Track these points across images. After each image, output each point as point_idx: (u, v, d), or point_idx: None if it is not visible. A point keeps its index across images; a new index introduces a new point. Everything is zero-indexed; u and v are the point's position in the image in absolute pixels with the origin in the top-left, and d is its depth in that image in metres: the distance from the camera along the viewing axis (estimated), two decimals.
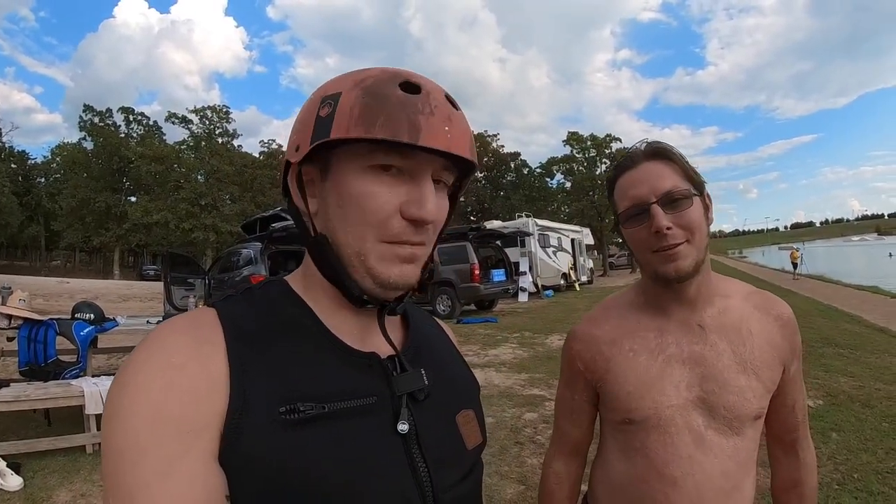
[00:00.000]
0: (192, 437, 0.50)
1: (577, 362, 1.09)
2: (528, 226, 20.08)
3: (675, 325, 1.00)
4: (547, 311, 14.37)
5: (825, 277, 25.19)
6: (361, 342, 0.65)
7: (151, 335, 0.56)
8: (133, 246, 52.36)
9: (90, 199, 46.88)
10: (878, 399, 5.10)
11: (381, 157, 0.58)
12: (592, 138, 51.60)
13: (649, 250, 0.95)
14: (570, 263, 23.57)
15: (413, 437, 0.61)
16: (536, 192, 55.25)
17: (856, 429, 4.34)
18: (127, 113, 52.86)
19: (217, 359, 0.54)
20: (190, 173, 48.53)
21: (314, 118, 0.59)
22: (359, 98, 0.57)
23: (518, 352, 8.53)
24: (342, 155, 0.59)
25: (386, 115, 0.55)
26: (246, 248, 10.13)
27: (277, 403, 0.54)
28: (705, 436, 0.95)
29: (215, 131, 51.89)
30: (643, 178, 0.95)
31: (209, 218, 45.63)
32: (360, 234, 0.59)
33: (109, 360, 7.64)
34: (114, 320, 5.95)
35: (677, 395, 0.96)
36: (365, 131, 0.55)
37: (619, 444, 1.05)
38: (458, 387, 0.74)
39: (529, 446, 4.24)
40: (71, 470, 3.90)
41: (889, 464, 3.66)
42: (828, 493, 3.24)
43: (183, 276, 11.07)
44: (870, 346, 7.67)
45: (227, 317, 0.59)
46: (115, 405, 0.50)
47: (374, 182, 0.58)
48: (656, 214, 0.91)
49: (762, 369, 0.96)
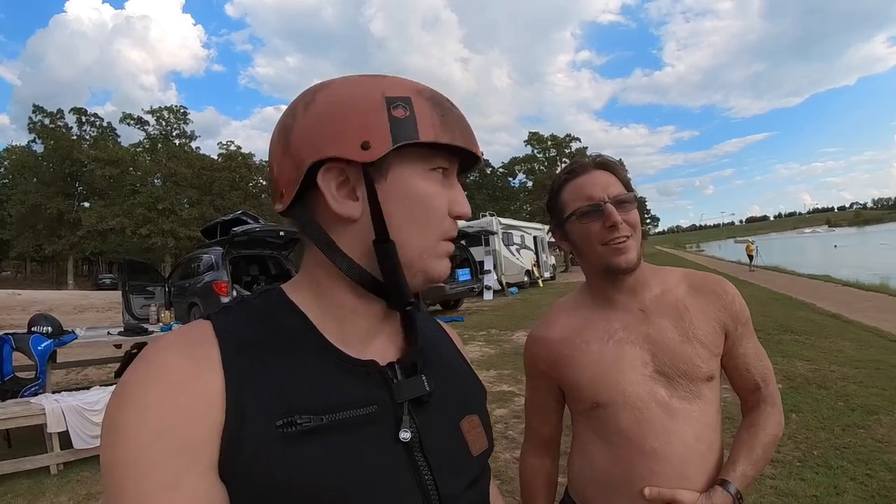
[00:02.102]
0: (194, 452, 0.50)
1: (537, 364, 1.19)
2: (492, 225, 20.12)
3: (620, 312, 1.11)
4: (512, 308, 14.46)
5: (780, 268, 26.09)
6: (362, 349, 0.64)
7: (148, 351, 0.55)
8: (88, 254, 50.81)
9: (41, 206, 44.92)
10: (832, 380, 5.33)
11: (439, 160, 0.62)
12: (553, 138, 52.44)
13: (600, 243, 1.06)
14: (534, 261, 23.78)
15: (416, 444, 0.61)
16: (500, 192, 55.80)
17: (813, 409, 4.52)
18: (79, 114, 50.74)
19: (213, 374, 0.54)
20: (146, 177, 47.15)
21: (386, 117, 0.57)
22: (430, 105, 0.61)
23: (486, 349, 8.57)
24: (405, 157, 0.60)
25: (459, 128, 0.62)
26: (207, 254, 9.93)
27: (275, 417, 0.53)
28: (671, 404, 1.03)
29: (172, 133, 50.59)
30: (596, 182, 1.07)
31: (167, 223, 44.27)
32: (429, 232, 0.63)
33: (69, 374, 7.38)
34: (73, 333, 5.65)
35: (636, 372, 1.05)
36: (450, 139, 0.60)
37: (594, 432, 1.11)
38: (462, 392, 0.73)
39: (501, 442, 4.27)
40: (36, 493, 3.75)
41: (845, 440, 3.82)
42: (790, 471, 3.37)
43: (142, 285, 10.78)
44: (823, 332, 7.99)
45: (223, 329, 0.58)
46: (116, 421, 0.51)
47: (433, 183, 0.63)
48: (611, 211, 1.03)
49: (704, 337, 1.06)
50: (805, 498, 3.02)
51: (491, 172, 58.86)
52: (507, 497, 3.29)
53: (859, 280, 16.47)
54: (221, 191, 48.93)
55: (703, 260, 44.15)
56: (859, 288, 14.64)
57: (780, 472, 3.35)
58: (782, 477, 3.29)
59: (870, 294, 12.97)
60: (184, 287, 10.13)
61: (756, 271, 24.29)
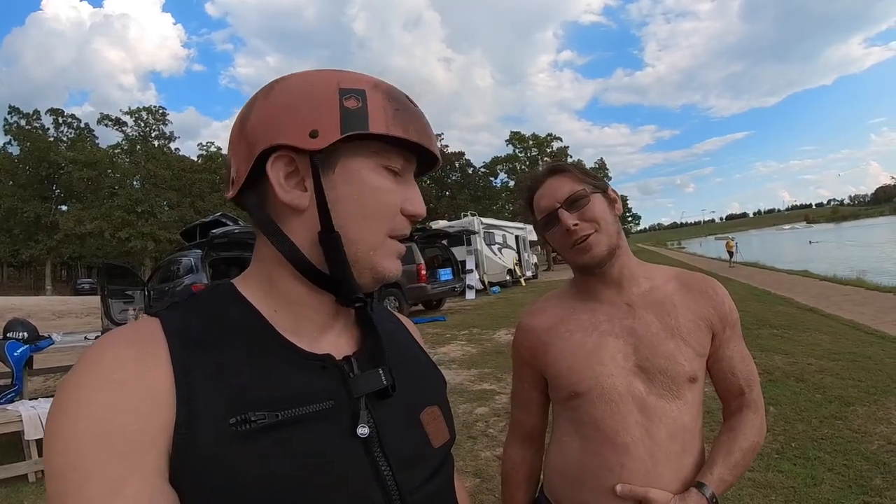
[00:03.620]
0: (138, 455, 0.48)
1: (522, 352, 1.19)
2: (474, 224, 20.22)
3: (606, 305, 1.11)
4: (494, 307, 14.47)
5: (759, 264, 26.47)
6: (316, 343, 0.63)
7: (91, 350, 0.53)
8: (66, 258, 49.82)
9: (17, 209, 44.17)
10: (810, 373, 5.41)
11: (394, 160, 0.62)
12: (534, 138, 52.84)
13: (566, 248, 1.09)
14: (516, 259, 23.88)
15: (374, 439, 0.60)
16: (481, 192, 55.96)
17: (791, 401, 4.58)
18: (56, 115, 50.09)
19: (161, 371, 0.52)
20: (125, 179, 46.62)
21: (338, 107, 0.57)
22: (387, 100, 0.60)
23: (467, 348, 8.55)
24: (356, 150, 0.60)
25: (415, 124, 0.61)
26: (186, 257, 9.76)
27: (227, 415, 0.51)
28: (648, 401, 1.02)
29: (151, 134, 50.06)
30: (548, 192, 1.11)
31: (146, 226, 43.82)
32: (377, 227, 0.61)
33: (46, 381, 7.23)
34: (49, 338, 5.53)
35: (615, 364, 1.05)
36: (402, 132, 0.59)
37: (570, 422, 1.11)
38: (421, 383, 0.72)
39: (482, 440, 4.27)
40: (14, 501, 3.70)
41: (823, 431, 3.88)
42: (769, 462, 3.41)
43: (121, 289, 10.57)
44: (801, 326, 8.11)
45: (171, 326, 0.56)
46: (56, 425, 0.48)
47: (385, 179, 0.61)
48: (562, 216, 1.06)
49: (689, 335, 1.06)
50: (783, 489, 3.05)
51: (473, 172, 59.02)
52: (488, 494, 3.29)
53: (836, 275, 16.75)
54: (201, 193, 48.48)
55: (684, 257, 44.66)
56: (836, 282, 14.88)
57: (759, 465, 3.38)
58: (760, 469, 3.32)
59: (847, 288, 13.19)
60: (163, 291, 9.97)
61: (736, 267, 24.60)
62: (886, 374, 5.16)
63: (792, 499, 2.95)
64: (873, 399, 4.46)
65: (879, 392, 4.63)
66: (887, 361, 5.62)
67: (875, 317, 8.61)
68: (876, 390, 4.69)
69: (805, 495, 2.96)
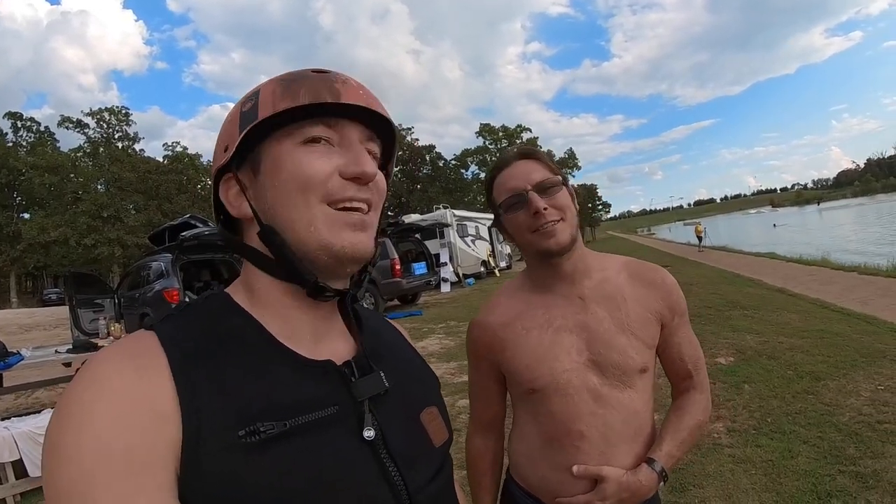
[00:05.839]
0: (146, 472, 0.47)
1: (478, 348, 1.20)
2: (447, 217, 20.19)
3: (560, 299, 1.13)
4: (469, 299, 14.51)
5: (728, 248, 27.15)
6: (315, 349, 0.63)
7: (89, 365, 0.52)
8: (31, 269, 48.12)
9: None
10: (781, 351, 5.57)
11: (309, 129, 0.60)
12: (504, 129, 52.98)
13: (529, 231, 1.08)
14: (489, 251, 23.91)
15: (380, 441, 0.60)
16: (453, 184, 55.94)
17: (764, 379, 4.70)
18: (14, 118, 48.40)
19: (163, 386, 0.51)
20: (89, 183, 45.05)
21: (238, 115, 0.61)
22: (278, 84, 0.61)
23: (445, 341, 8.56)
24: (271, 144, 0.61)
25: (306, 87, 0.59)
26: (156, 261, 9.58)
27: (236, 426, 0.51)
28: (602, 392, 1.07)
29: (114, 135, 48.70)
30: (518, 174, 1.09)
31: (113, 231, 42.50)
32: (303, 201, 0.59)
33: (17, 399, 7.01)
34: (18, 354, 5.33)
35: (570, 360, 1.08)
36: (291, 102, 0.58)
37: (529, 413, 1.15)
38: (419, 385, 0.73)
39: (465, 432, 4.27)
40: None
41: (796, 406, 4.00)
42: (746, 438, 3.50)
43: (90, 298, 10.25)
44: (771, 306, 8.33)
45: (168, 339, 0.55)
46: (57, 443, 0.47)
47: (307, 152, 0.60)
48: (533, 198, 1.05)
49: (639, 329, 1.09)
50: (761, 463, 3.14)
51: (444, 165, 58.96)
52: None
53: (802, 256, 17.23)
54: (168, 195, 47.17)
55: (654, 243, 45.47)
56: (802, 263, 15.33)
57: (737, 441, 3.47)
58: (739, 445, 3.41)
59: (812, 269, 13.59)
60: (134, 297, 9.75)
61: (705, 251, 25.16)
62: (853, 349, 5.34)
63: (771, 472, 3.03)
64: (842, 373, 4.61)
65: (848, 367, 4.79)
66: (854, 337, 5.81)
67: (840, 295, 8.91)
68: (844, 365, 4.85)
69: (783, 468, 3.05)
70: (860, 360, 4.93)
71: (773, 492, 2.83)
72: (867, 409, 3.76)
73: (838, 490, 2.76)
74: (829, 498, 2.71)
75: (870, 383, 4.30)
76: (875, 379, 4.39)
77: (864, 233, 34.53)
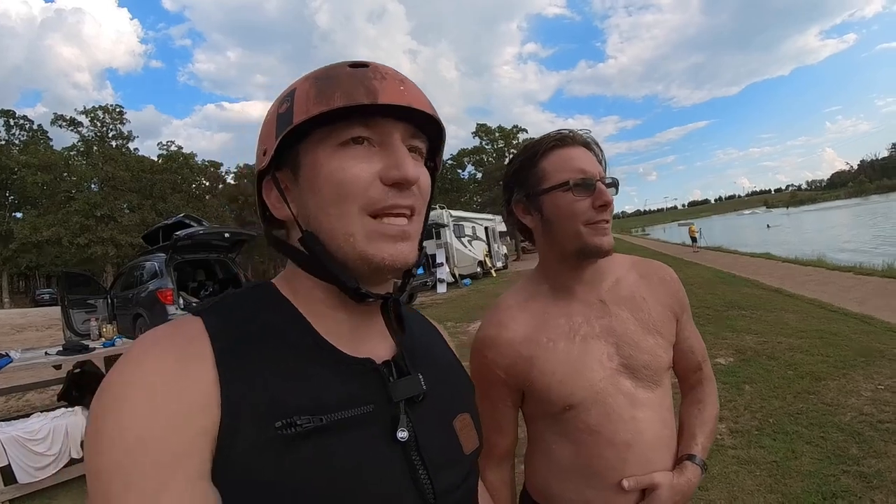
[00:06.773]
0: (183, 459, 0.47)
1: (495, 371, 1.06)
2: (443, 217, 20.18)
3: (580, 304, 1.07)
4: (466, 300, 14.53)
5: (723, 248, 27.14)
6: (355, 346, 0.62)
7: (133, 349, 0.52)
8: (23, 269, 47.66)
9: None
10: (780, 351, 5.57)
11: (347, 131, 0.58)
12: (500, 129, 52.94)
13: (584, 222, 0.99)
14: (486, 251, 23.95)
15: (413, 443, 0.60)
16: (449, 184, 55.77)
17: (765, 379, 4.70)
18: (7, 116, 47.60)
19: (205, 375, 0.51)
20: (82, 182, 44.59)
21: (275, 118, 0.60)
22: (312, 84, 0.59)
23: None
24: (310, 146, 0.59)
25: (342, 88, 0.57)
26: (150, 261, 9.52)
27: (273, 418, 0.51)
28: (637, 396, 1.03)
29: (108, 134, 47.95)
30: (587, 159, 1.01)
31: (107, 230, 42.01)
32: (343, 210, 0.58)
33: (8, 401, 6.94)
34: (7, 356, 5.21)
35: (603, 367, 1.02)
36: (325, 105, 0.56)
37: (558, 433, 1.06)
38: (454, 390, 0.72)
39: None
40: None
41: (798, 405, 3.99)
42: (749, 439, 3.48)
43: (82, 298, 10.15)
44: (768, 306, 8.34)
45: (214, 327, 0.55)
46: (100, 425, 0.48)
47: (345, 156, 0.58)
48: (604, 190, 0.98)
49: (662, 327, 1.08)
50: (766, 464, 3.13)
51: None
52: None
53: (798, 256, 17.26)
54: (163, 194, 46.78)
55: (649, 243, 45.53)
56: (798, 263, 15.35)
57: (740, 442, 3.46)
58: (742, 446, 3.39)
59: (808, 269, 13.61)
60: (127, 298, 9.67)
61: (700, 252, 25.18)
62: (852, 349, 5.35)
63: (775, 472, 3.02)
64: (842, 373, 4.61)
65: (847, 366, 4.79)
66: (852, 337, 5.82)
67: (837, 295, 8.92)
68: (844, 364, 4.85)
69: (787, 468, 3.04)
70: (859, 360, 4.93)
71: (779, 493, 2.81)
72: (868, 409, 3.76)
73: (843, 490, 2.75)
74: (834, 498, 2.70)
75: (870, 383, 4.30)
76: (875, 378, 4.39)
77: (857, 232, 34.71)
